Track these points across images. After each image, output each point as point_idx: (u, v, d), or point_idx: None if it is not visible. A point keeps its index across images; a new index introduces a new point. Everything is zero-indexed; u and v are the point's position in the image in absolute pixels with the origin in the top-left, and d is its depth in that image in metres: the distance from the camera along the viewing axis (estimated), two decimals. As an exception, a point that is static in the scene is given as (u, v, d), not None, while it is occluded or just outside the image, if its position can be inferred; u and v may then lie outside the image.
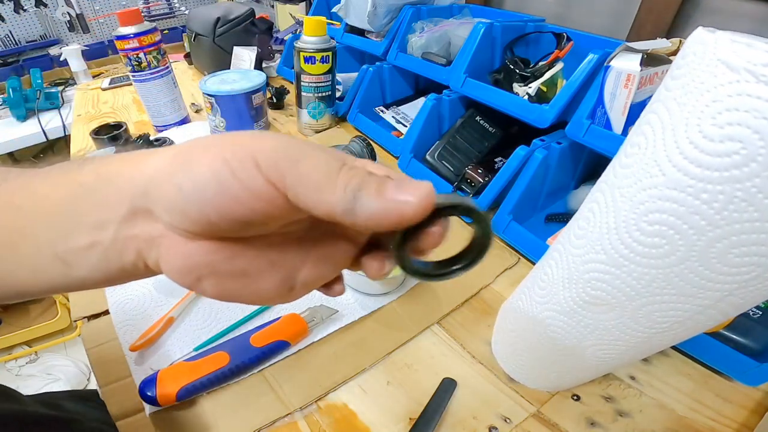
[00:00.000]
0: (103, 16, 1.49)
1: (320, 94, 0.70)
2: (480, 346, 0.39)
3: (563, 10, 0.81)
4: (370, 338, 0.40)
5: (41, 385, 1.20)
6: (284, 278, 0.17)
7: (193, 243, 0.16)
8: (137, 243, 0.16)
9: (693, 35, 0.18)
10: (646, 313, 0.24)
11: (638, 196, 0.21)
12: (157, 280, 0.45)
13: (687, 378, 0.37)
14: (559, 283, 0.28)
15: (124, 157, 0.16)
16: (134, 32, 0.64)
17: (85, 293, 0.44)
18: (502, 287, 0.45)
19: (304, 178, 0.14)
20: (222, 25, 0.91)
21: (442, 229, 0.16)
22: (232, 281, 0.17)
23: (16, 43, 1.38)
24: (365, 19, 0.68)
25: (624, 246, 0.22)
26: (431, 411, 0.33)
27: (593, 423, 0.33)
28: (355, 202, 0.13)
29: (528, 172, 0.47)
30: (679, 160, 0.19)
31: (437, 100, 0.59)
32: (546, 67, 0.51)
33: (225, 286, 0.17)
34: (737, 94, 0.16)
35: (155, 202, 0.15)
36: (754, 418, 0.33)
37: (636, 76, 0.38)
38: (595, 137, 0.43)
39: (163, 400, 0.33)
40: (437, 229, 0.15)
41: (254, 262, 0.17)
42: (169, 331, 0.40)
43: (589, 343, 0.28)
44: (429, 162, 0.60)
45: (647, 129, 0.20)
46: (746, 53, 0.16)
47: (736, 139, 0.17)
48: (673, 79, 0.19)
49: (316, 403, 0.35)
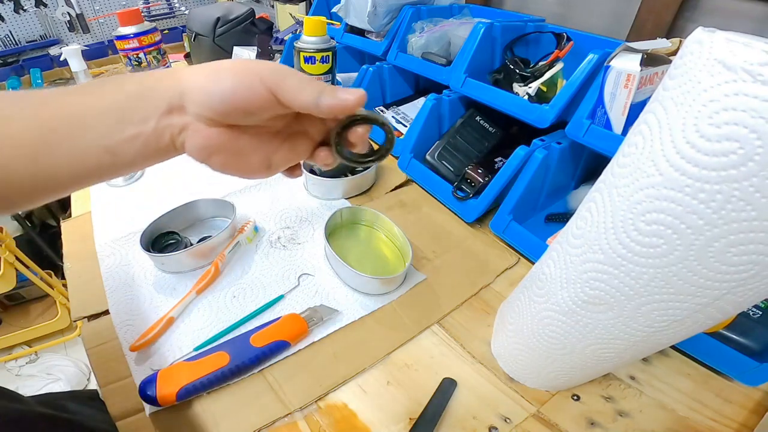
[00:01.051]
0: (103, 16, 1.49)
1: (320, 94, 0.70)
2: (480, 346, 0.39)
3: (563, 10, 0.81)
4: (370, 338, 0.40)
5: (41, 385, 1.20)
6: (265, 158, 0.26)
7: (210, 129, 0.23)
8: (171, 130, 0.23)
9: (691, 35, 0.18)
10: (645, 312, 0.24)
11: (635, 196, 0.21)
12: (157, 280, 0.45)
13: (687, 378, 0.37)
14: (557, 283, 0.28)
15: (161, 72, 0.24)
16: (134, 32, 0.64)
17: (85, 293, 0.44)
18: (502, 287, 0.46)
19: (289, 87, 0.23)
20: (222, 25, 0.91)
21: (364, 130, 0.26)
22: (232, 158, 0.25)
23: (16, 43, 1.38)
24: (365, 19, 0.68)
25: (622, 246, 0.22)
26: (431, 411, 0.33)
27: (593, 423, 0.33)
28: (318, 99, 0.23)
29: (528, 172, 0.47)
30: (676, 159, 0.19)
31: (437, 100, 0.59)
32: (546, 67, 0.51)
33: (227, 161, 0.25)
34: (734, 94, 0.16)
35: (189, 102, 0.23)
36: (754, 418, 0.33)
37: (636, 76, 0.38)
38: (595, 137, 0.43)
39: (163, 400, 0.33)
40: (361, 129, 0.25)
41: (247, 145, 0.25)
42: (169, 331, 0.40)
43: (588, 342, 0.28)
44: (429, 162, 0.60)
45: (645, 129, 0.21)
46: (743, 53, 0.16)
47: (734, 138, 0.17)
48: (670, 79, 0.19)
49: (316, 403, 0.35)
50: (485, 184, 0.52)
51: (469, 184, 0.54)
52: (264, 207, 0.56)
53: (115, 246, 0.50)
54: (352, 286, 0.44)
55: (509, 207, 0.49)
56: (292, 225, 0.53)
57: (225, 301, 0.43)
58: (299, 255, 0.49)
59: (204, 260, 0.46)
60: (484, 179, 0.53)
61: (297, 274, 0.46)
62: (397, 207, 0.57)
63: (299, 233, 0.52)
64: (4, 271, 1.07)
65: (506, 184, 0.50)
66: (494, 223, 0.51)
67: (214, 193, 0.58)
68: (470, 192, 0.53)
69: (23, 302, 1.35)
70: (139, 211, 0.55)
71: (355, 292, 0.44)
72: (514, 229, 0.49)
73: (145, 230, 0.46)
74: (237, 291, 0.44)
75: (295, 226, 0.53)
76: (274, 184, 0.61)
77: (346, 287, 0.45)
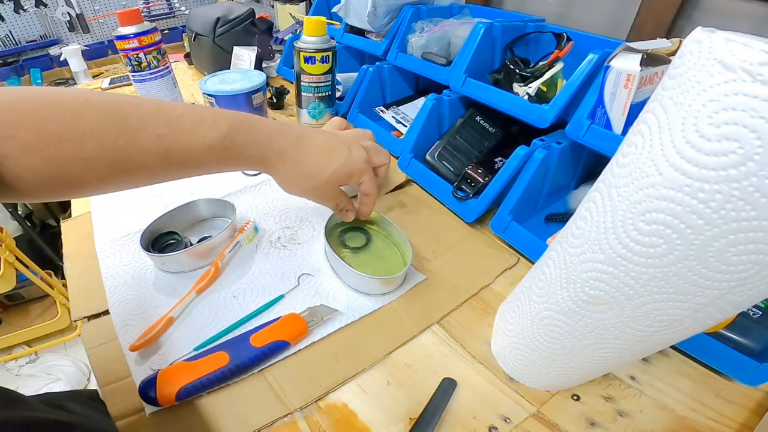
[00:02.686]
0: (103, 16, 1.49)
1: (320, 94, 0.70)
2: (480, 346, 0.39)
3: (563, 10, 0.81)
4: (370, 338, 0.40)
5: (41, 385, 1.20)
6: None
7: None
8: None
9: (690, 35, 0.18)
10: (645, 312, 0.24)
11: (635, 196, 0.21)
12: (157, 280, 0.45)
13: (687, 378, 0.37)
14: (557, 283, 0.28)
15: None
16: (134, 32, 0.64)
17: (85, 293, 0.44)
18: (502, 287, 0.46)
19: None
20: (222, 25, 0.91)
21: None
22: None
23: (16, 43, 1.38)
24: (365, 19, 0.68)
25: (621, 245, 0.22)
26: (431, 411, 0.33)
27: (593, 423, 0.33)
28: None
29: (528, 172, 0.47)
30: (675, 159, 0.19)
31: (437, 100, 0.59)
32: (546, 67, 0.51)
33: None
34: (734, 94, 0.16)
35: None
36: (754, 418, 0.33)
37: (636, 76, 0.38)
38: (595, 137, 0.43)
39: (163, 400, 0.33)
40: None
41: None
42: (169, 331, 0.40)
43: (588, 342, 0.28)
44: (429, 162, 0.60)
45: (644, 128, 0.21)
46: (742, 52, 0.16)
47: (733, 138, 0.17)
48: (670, 79, 0.19)
49: (316, 403, 0.35)
50: (485, 184, 0.52)
51: (469, 184, 0.54)
52: (264, 207, 0.56)
53: (115, 246, 0.50)
54: (352, 286, 0.44)
55: (509, 207, 0.49)
56: (292, 225, 0.53)
57: (225, 300, 0.43)
58: (299, 255, 0.49)
59: (204, 260, 0.46)
60: (484, 179, 0.53)
61: (297, 274, 0.46)
62: (397, 207, 0.57)
63: (299, 233, 0.52)
64: (4, 271, 1.08)
65: (506, 184, 0.50)
66: (494, 223, 0.51)
67: (214, 193, 0.58)
68: (470, 192, 0.53)
69: (23, 302, 1.35)
70: (139, 211, 0.55)
71: (355, 292, 0.44)
72: (514, 229, 0.49)
73: (145, 230, 0.46)
74: (237, 291, 0.44)
75: (295, 226, 0.53)
76: (273, 185, 0.60)
77: (346, 287, 0.45)
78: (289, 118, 0.82)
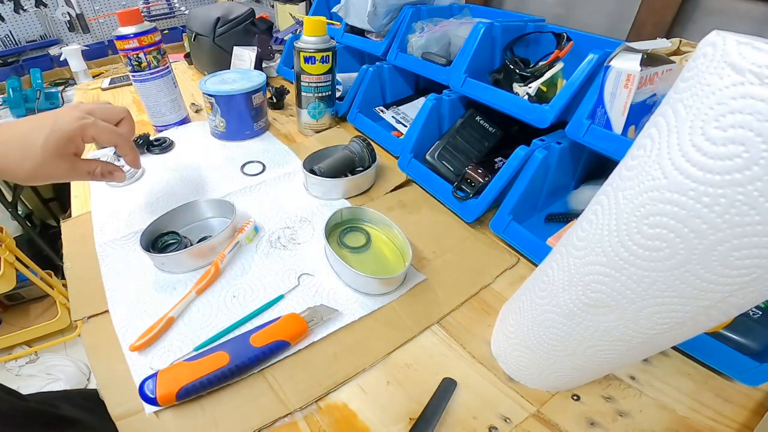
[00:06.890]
0: (103, 16, 1.49)
1: (320, 94, 0.70)
2: (480, 346, 0.39)
3: (563, 10, 0.81)
4: (370, 338, 0.40)
5: (41, 385, 1.20)
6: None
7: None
8: None
9: (705, 38, 0.18)
10: (647, 315, 0.24)
11: (639, 199, 0.21)
12: (157, 280, 0.45)
13: (687, 378, 0.37)
14: (559, 285, 0.28)
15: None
16: (134, 32, 0.64)
17: (85, 293, 0.44)
18: (501, 287, 0.46)
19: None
20: (222, 25, 0.91)
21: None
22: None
23: (16, 43, 1.38)
24: (365, 19, 0.68)
25: (624, 249, 0.22)
26: (431, 411, 0.33)
27: (593, 423, 0.33)
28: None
29: (528, 172, 0.47)
30: (681, 162, 0.18)
31: (437, 100, 0.58)
32: (546, 67, 0.51)
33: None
34: (741, 97, 0.16)
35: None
36: (754, 418, 0.33)
37: (636, 76, 0.38)
38: (595, 137, 0.43)
39: (163, 400, 0.33)
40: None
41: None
42: (169, 331, 0.40)
43: (589, 344, 0.28)
44: (429, 162, 0.60)
45: (654, 132, 0.20)
46: (752, 55, 0.16)
47: (739, 142, 0.16)
48: (682, 82, 0.19)
49: (316, 403, 0.35)
50: (485, 184, 0.52)
51: (469, 184, 0.54)
52: (264, 207, 0.56)
53: (115, 246, 0.50)
54: (352, 286, 0.44)
55: (509, 207, 0.49)
56: (292, 225, 0.53)
57: (225, 300, 0.43)
58: (299, 255, 0.49)
59: (204, 260, 0.46)
60: (484, 179, 0.53)
61: (297, 274, 0.46)
62: (397, 207, 0.57)
63: (299, 233, 0.52)
64: (4, 271, 1.07)
65: (506, 184, 0.50)
66: (494, 223, 0.51)
67: (214, 193, 0.58)
68: (470, 192, 0.53)
69: (23, 302, 1.35)
70: (139, 211, 0.55)
71: (355, 292, 0.44)
72: (514, 229, 0.49)
73: (145, 230, 0.46)
74: (237, 291, 0.44)
75: (295, 226, 0.53)
76: (274, 185, 0.61)
77: (346, 287, 0.45)
78: (290, 118, 0.82)
